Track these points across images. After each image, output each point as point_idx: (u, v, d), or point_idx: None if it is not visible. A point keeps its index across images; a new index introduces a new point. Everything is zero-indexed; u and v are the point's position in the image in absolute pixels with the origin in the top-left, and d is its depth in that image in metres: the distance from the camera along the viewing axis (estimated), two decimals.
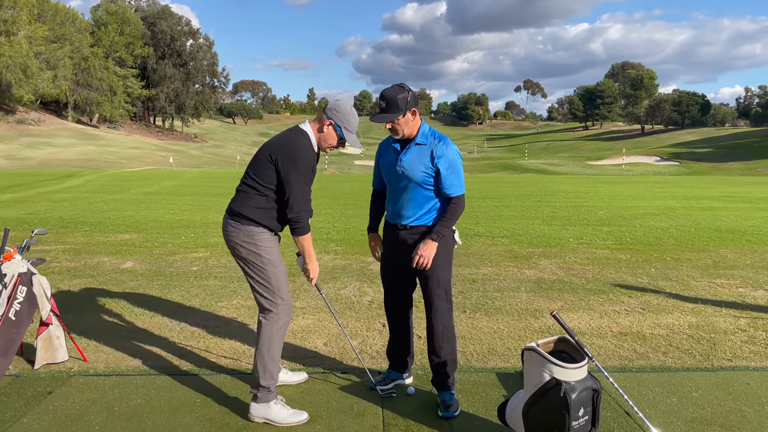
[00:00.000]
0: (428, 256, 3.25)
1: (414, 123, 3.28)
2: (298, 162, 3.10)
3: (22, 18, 60.66)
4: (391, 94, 3.18)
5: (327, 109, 3.23)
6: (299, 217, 3.15)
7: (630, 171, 56.07)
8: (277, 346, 3.24)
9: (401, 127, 3.24)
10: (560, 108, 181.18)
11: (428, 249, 3.25)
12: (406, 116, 3.22)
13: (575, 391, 2.67)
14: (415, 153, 3.28)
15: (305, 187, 3.16)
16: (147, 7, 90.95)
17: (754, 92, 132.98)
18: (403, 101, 3.18)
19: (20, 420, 3.19)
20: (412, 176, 3.25)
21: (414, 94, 3.24)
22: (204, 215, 12.81)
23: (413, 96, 3.23)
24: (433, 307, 3.37)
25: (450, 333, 3.39)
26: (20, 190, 19.29)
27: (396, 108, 3.18)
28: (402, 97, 3.17)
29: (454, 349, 3.42)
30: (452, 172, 3.25)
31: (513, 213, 13.97)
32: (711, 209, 15.06)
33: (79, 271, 6.96)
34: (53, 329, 3.97)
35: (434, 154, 3.23)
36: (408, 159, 3.28)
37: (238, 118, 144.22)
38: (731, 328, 4.92)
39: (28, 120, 63.57)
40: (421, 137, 3.29)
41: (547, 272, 7.09)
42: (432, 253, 3.26)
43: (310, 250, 3.31)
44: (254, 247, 3.19)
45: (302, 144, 3.13)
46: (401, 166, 3.29)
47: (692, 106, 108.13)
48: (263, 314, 3.25)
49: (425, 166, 3.24)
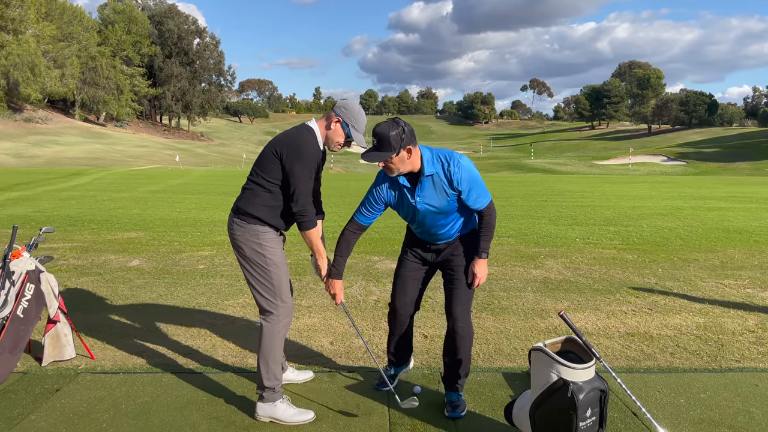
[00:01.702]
0: (482, 275, 3.26)
1: (412, 159, 3.04)
2: (302, 155, 3.06)
3: (30, 17, 60.98)
4: (383, 131, 2.95)
5: (336, 107, 3.22)
6: (304, 211, 3.10)
7: (637, 171, 55.84)
8: (278, 347, 3.22)
9: (395, 166, 3.03)
10: (567, 107, 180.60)
11: (481, 269, 3.26)
12: (401, 155, 2.99)
13: (583, 391, 2.65)
14: (430, 186, 3.10)
15: (310, 181, 3.11)
16: (154, 6, 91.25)
17: (762, 92, 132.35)
18: (396, 139, 2.95)
19: (28, 417, 3.21)
20: (437, 207, 3.13)
21: (410, 130, 3.02)
22: (210, 214, 12.84)
23: (409, 132, 2.99)
24: (456, 311, 3.30)
25: (469, 337, 3.34)
26: (28, 188, 19.39)
27: (388, 146, 2.96)
28: (395, 134, 2.95)
29: (470, 352, 3.38)
30: (475, 187, 3.10)
31: (519, 212, 13.93)
32: (718, 209, 14.98)
33: (86, 268, 6.99)
34: (61, 327, 3.99)
35: (453, 180, 3.06)
36: (426, 194, 3.12)
37: (244, 117, 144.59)
38: (739, 329, 4.89)
39: (35, 118, 63.90)
40: (429, 167, 3.07)
41: (554, 272, 7.07)
42: (485, 272, 3.27)
43: (318, 245, 3.27)
44: (259, 246, 3.17)
45: (308, 139, 3.11)
46: (421, 203, 3.13)
47: (699, 106, 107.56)
48: (264, 316, 3.22)
49: (448, 194, 3.09)
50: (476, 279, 3.25)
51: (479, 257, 3.23)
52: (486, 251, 3.24)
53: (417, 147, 3.06)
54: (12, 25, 60.05)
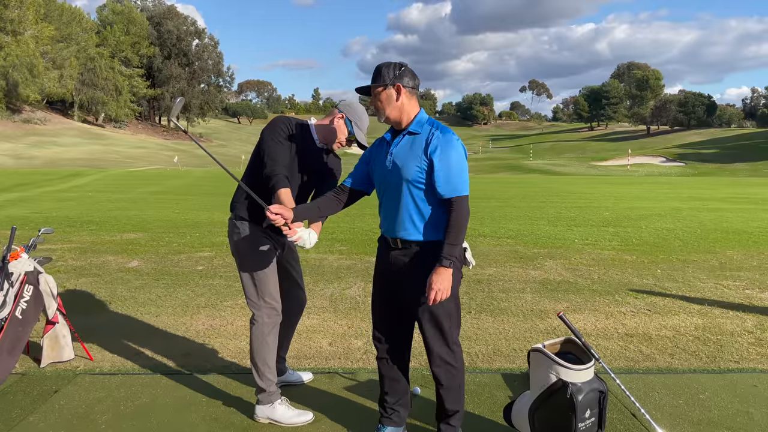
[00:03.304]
0: (444, 288, 2.61)
1: (404, 106, 2.71)
2: (272, 125, 3.09)
3: (29, 17, 61.02)
4: (379, 64, 2.73)
5: (340, 104, 3.23)
6: (273, 173, 2.96)
7: (635, 172, 55.88)
8: (266, 348, 3.17)
9: (382, 105, 2.71)
10: (565, 108, 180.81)
11: (441, 279, 2.60)
12: (388, 91, 2.68)
13: (582, 392, 2.66)
14: (407, 144, 2.72)
15: (280, 146, 3.03)
16: (153, 7, 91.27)
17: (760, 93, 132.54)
18: (387, 71, 2.69)
19: (26, 418, 3.20)
20: (403, 172, 2.67)
21: (409, 71, 2.72)
22: (209, 215, 12.84)
23: (408, 73, 2.71)
24: (432, 354, 2.81)
25: (457, 391, 2.84)
26: (26, 189, 19.37)
27: (378, 78, 2.70)
28: (389, 67, 2.70)
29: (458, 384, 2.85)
30: (452, 169, 2.63)
31: (518, 213, 13.94)
32: (717, 210, 14.99)
33: (85, 270, 6.98)
34: (59, 328, 3.98)
35: (428, 144, 2.65)
36: (398, 151, 2.72)
37: (243, 118, 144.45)
38: (738, 330, 4.89)
39: (34, 119, 63.91)
40: (416, 126, 2.72)
41: (553, 273, 7.07)
42: (448, 284, 2.62)
43: (287, 198, 2.93)
44: (242, 244, 3.17)
45: (283, 119, 3.13)
46: (390, 159, 2.73)
47: (698, 107, 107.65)
48: (252, 317, 3.22)
49: (419, 159, 2.65)
50: (432, 292, 2.60)
51: (440, 264, 2.60)
52: (449, 258, 2.60)
53: (414, 98, 2.76)
54: (11, 26, 60.10)
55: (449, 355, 2.81)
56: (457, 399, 2.87)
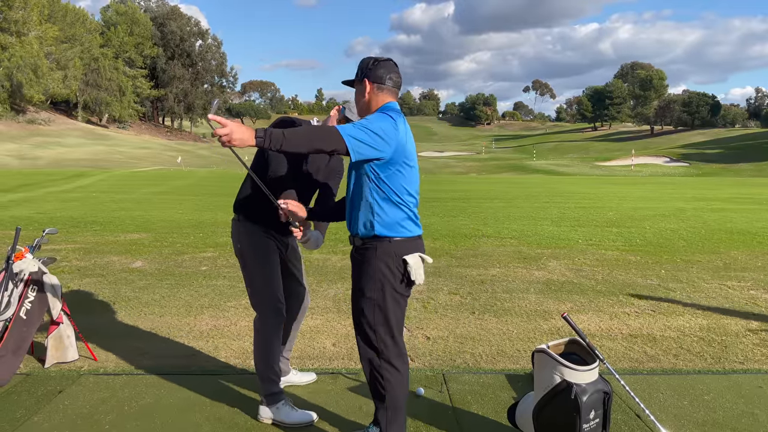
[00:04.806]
0: (231, 133, 2.27)
1: (372, 101, 2.62)
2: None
3: (33, 18, 61.27)
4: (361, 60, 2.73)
5: (344, 106, 3.23)
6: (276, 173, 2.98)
7: (639, 172, 55.79)
8: (268, 348, 3.18)
9: (356, 98, 2.73)
10: (569, 108, 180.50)
11: (240, 129, 2.28)
12: (359, 85, 2.66)
13: (586, 393, 2.65)
14: None
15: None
16: (156, 8, 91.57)
17: (765, 93, 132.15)
18: (361, 65, 2.66)
19: (31, 418, 3.21)
20: (356, 166, 2.58)
21: (385, 66, 2.63)
22: (212, 215, 12.85)
23: (380, 67, 2.61)
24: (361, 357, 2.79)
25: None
26: (31, 189, 19.44)
27: (356, 75, 2.69)
28: (365, 61, 2.66)
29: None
30: (364, 122, 2.44)
31: (522, 214, 13.92)
32: (721, 211, 14.95)
33: (89, 270, 7.00)
34: (64, 328, 3.99)
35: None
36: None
37: (247, 119, 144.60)
38: (743, 331, 4.87)
39: (38, 120, 64.13)
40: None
41: (557, 273, 7.06)
42: (240, 135, 2.27)
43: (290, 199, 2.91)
44: (241, 243, 3.19)
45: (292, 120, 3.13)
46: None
47: (702, 107, 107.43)
48: (255, 318, 3.22)
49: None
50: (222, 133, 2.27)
51: (255, 133, 2.30)
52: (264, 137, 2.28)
53: (384, 93, 2.63)
54: (15, 27, 60.34)
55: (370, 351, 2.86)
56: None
